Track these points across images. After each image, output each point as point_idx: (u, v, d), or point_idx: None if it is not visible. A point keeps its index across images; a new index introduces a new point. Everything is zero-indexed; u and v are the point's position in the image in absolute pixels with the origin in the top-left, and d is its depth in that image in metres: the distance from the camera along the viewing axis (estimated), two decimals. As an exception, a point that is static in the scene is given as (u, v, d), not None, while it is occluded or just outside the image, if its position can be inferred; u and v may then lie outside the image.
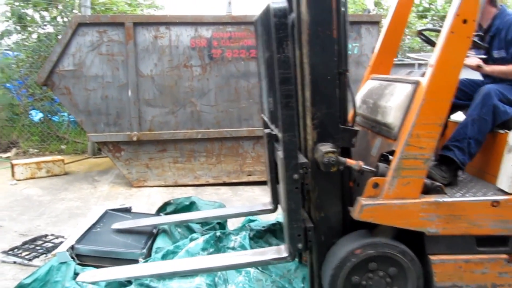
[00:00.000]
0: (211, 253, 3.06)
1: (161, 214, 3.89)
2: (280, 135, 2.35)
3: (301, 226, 2.43)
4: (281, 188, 2.47)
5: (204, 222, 3.81)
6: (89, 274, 2.70)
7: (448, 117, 2.87)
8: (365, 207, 2.38)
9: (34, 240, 3.80)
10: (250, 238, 3.45)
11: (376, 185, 2.41)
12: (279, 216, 4.01)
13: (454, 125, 2.92)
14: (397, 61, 7.65)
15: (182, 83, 5.60)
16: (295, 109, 2.32)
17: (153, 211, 4.11)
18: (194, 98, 5.65)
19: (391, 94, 2.66)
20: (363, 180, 2.59)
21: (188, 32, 5.56)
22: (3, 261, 3.47)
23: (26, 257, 3.47)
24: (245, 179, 5.93)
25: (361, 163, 2.43)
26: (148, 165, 5.77)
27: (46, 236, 3.91)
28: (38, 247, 3.64)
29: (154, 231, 3.50)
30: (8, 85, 8.55)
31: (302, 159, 2.44)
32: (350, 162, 2.42)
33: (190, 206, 3.87)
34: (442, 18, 12.49)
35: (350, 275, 2.45)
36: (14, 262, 3.45)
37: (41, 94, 8.27)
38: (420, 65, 6.02)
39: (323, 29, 2.37)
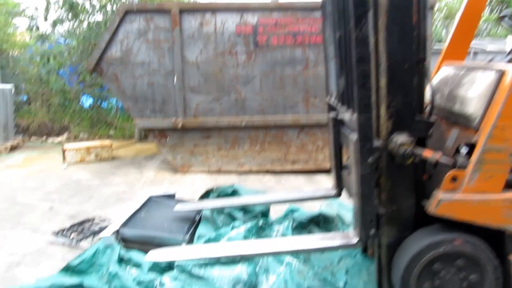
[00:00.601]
0: (252, 242, 3.03)
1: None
2: (354, 116, 2.27)
3: (374, 212, 2.34)
4: (353, 172, 2.38)
5: (246, 211, 3.79)
6: (157, 253, 2.72)
7: None
8: (442, 201, 2.26)
9: (82, 222, 3.92)
10: (293, 229, 3.40)
11: (454, 179, 2.27)
12: (322, 207, 3.94)
13: None
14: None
15: (227, 70, 5.58)
16: (371, 90, 2.24)
17: (197, 197, 4.14)
18: (238, 85, 5.62)
19: (471, 83, 2.49)
20: (437, 173, 2.47)
21: (233, 18, 5.52)
22: (53, 242, 3.60)
23: (74, 239, 3.58)
24: (289, 167, 5.87)
25: (438, 155, 2.31)
26: (192, 152, 5.81)
27: (93, 219, 4.02)
28: (86, 230, 3.75)
29: (197, 218, 3.51)
30: (64, 71, 8.88)
31: (376, 142, 2.36)
32: (426, 154, 2.30)
33: (232, 194, 3.86)
34: (501, 2, 11.84)
35: (424, 271, 2.36)
36: (63, 243, 3.56)
37: (91, 81, 8.51)
38: (475, 53, 5.70)
39: (402, 14, 2.25)
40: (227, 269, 2.76)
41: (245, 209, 3.80)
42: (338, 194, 3.21)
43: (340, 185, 3.13)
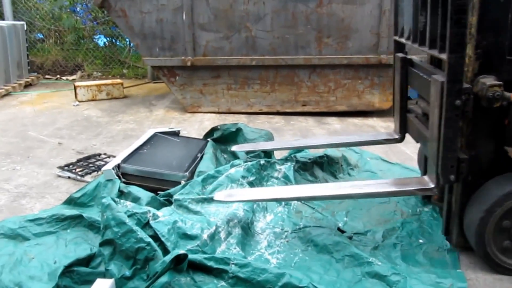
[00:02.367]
0: (251, 181, 3.03)
1: (208, 139, 3.89)
2: (444, 56, 2.15)
3: (456, 157, 2.26)
4: (434, 115, 2.29)
5: (250, 151, 3.77)
6: (225, 193, 2.74)
7: None
8: None
9: (88, 158, 3.96)
10: (295, 170, 3.38)
11: None
12: (327, 149, 3.89)
13: None
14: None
15: (237, 6, 5.38)
16: (467, 28, 2.10)
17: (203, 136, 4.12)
18: (249, 23, 5.43)
19: None
20: None
21: (245, -49, 5.25)
22: (59, 176, 3.67)
23: (79, 173, 3.63)
24: (299, 109, 5.79)
25: None
26: (202, 91, 5.75)
27: (99, 155, 4.06)
28: (91, 165, 3.79)
29: (199, 155, 3.51)
30: (77, 9, 8.74)
31: (465, 84, 2.24)
32: None
33: (236, 133, 3.83)
34: None
35: (502, 218, 2.33)
36: (68, 177, 3.63)
37: (103, 18, 8.37)
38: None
39: None
40: (224, 206, 2.78)
41: (248, 148, 3.79)
42: (401, 139, 3.14)
43: (403, 129, 3.05)
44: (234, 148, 3.61)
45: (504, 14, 2.15)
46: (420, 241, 2.72)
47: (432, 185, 2.38)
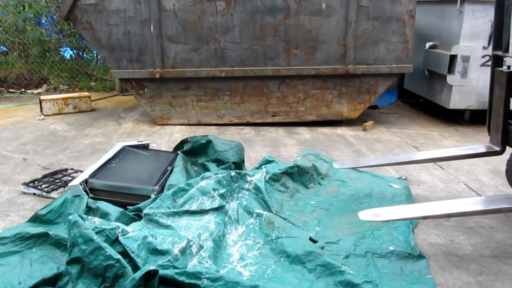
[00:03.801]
0: (222, 194, 3.01)
1: (178, 152, 3.86)
2: None
3: None
4: None
5: (220, 162, 3.76)
6: (371, 212, 2.68)
7: None
8: None
9: (54, 173, 3.86)
10: (266, 181, 3.38)
11: None
12: (298, 158, 3.91)
13: None
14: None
15: (206, 18, 5.39)
16: None
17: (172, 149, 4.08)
18: (218, 35, 5.44)
19: None
20: None
21: (212, -37, 5.27)
22: (24, 192, 3.56)
23: (45, 189, 3.53)
24: (269, 119, 5.81)
25: None
26: (171, 103, 5.71)
27: (66, 170, 3.96)
28: (57, 180, 3.70)
29: (168, 168, 3.47)
30: (42, 21, 8.55)
31: None
32: None
33: (206, 145, 3.81)
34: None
35: None
36: (34, 194, 3.52)
37: (69, 30, 8.23)
38: (462, 1, 5.52)
39: None
40: (195, 219, 2.76)
41: (219, 160, 3.77)
42: (502, 151, 3.18)
43: (505, 142, 3.10)
44: (335, 165, 3.62)
45: None
46: (391, 248, 2.76)
47: None
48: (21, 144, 4.87)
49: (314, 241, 2.81)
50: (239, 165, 3.78)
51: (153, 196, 3.04)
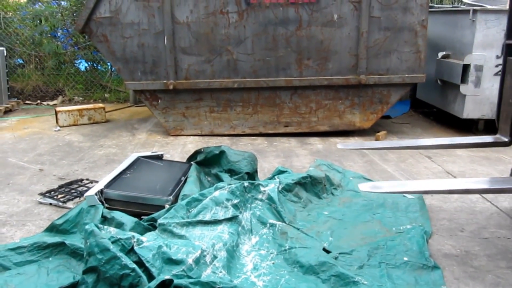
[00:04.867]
0: (236, 204, 3.02)
1: (191, 162, 3.89)
2: None
3: None
4: None
5: (233, 172, 3.79)
6: (372, 184, 2.70)
7: None
8: None
9: (70, 183, 3.92)
10: (279, 191, 3.39)
11: None
12: (310, 168, 3.92)
13: None
14: (451, 7, 7.11)
15: (218, 30, 5.45)
16: None
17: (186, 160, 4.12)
18: (230, 46, 5.50)
19: None
20: None
21: (224, -24, 5.35)
22: (40, 202, 3.61)
23: (61, 199, 3.59)
24: (282, 130, 5.83)
25: None
26: (184, 114, 5.76)
27: (81, 180, 4.02)
28: (73, 191, 3.75)
29: (182, 178, 3.50)
30: (58, 34, 8.72)
31: None
32: None
33: (219, 155, 3.84)
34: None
35: None
36: (50, 204, 3.58)
37: (84, 43, 8.37)
38: (475, 11, 5.53)
39: None
40: (208, 229, 2.77)
41: (232, 170, 3.80)
42: (510, 143, 3.13)
43: None
44: (339, 146, 3.64)
45: None
46: (405, 258, 2.74)
47: None
48: (38, 154, 4.95)
49: (328, 252, 2.81)
50: (252, 175, 3.80)
51: (167, 206, 3.07)
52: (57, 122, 6.32)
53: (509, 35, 3.04)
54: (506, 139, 3.12)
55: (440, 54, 6.11)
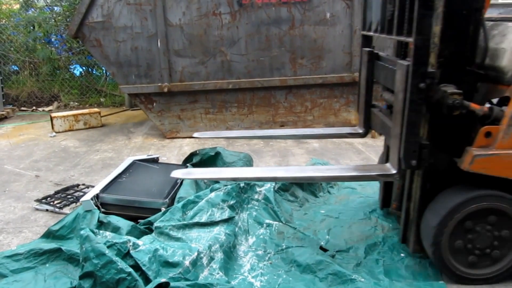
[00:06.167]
0: (232, 205, 3.02)
1: (187, 165, 3.89)
2: (411, 39, 2.15)
3: (418, 142, 2.26)
4: (398, 100, 2.30)
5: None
6: (183, 171, 2.70)
7: None
8: (477, 157, 2.24)
9: (66, 189, 3.91)
10: (275, 191, 3.39)
11: (488, 134, 2.25)
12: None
13: None
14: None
15: (212, 31, 5.45)
16: (433, 10, 2.12)
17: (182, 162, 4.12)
18: (224, 47, 5.50)
19: (503, 35, 2.41)
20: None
21: (216, -23, 5.35)
22: (37, 209, 3.61)
23: (57, 205, 3.58)
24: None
25: (486, 108, 2.26)
26: (180, 116, 5.76)
27: (78, 185, 4.01)
28: (69, 196, 3.74)
29: (178, 181, 3.50)
30: (51, 40, 8.70)
31: (430, 68, 2.27)
32: (474, 106, 2.25)
33: (215, 157, 3.84)
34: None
35: (457, 228, 2.38)
36: (46, 210, 3.57)
37: (78, 48, 8.36)
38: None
39: None
40: (205, 231, 2.77)
41: (228, 172, 3.79)
42: (365, 134, 3.13)
43: (367, 124, 3.04)
44: (195, 134, 3.50)
45: (466, 26, 2.22)
46: (402, 255, 2.75)
47: (394, 171, 2.39)
48: (34, 161, 4.94)
49: (325, 250, 2.81)
50: (248, 176, 3.79)
51: (163, 209, 3.07)
52: (52, 128, 6.31)
53: (364, 26, 2.98)
54: (361, 131, 3.11)
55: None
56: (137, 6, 5.37)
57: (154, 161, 4.01)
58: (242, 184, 3.28)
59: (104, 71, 8.69)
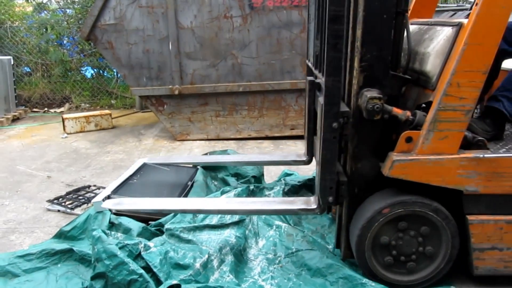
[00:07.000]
0: (242, 206, 3.02)
1: (198, 167, 3.89)
2: (323, 79, 2.18)
3: (334, 179, 2.28)
4: (318, 138, 2.33)
5: (240, 176, 3.79)
6: (113, 201, 2.74)
7: (499, 65, 2.58)
8: (396, 162, 2.22)
9: (77, 190, 3.94)
10: (285, 193, 3.39)
11: (409, 139, 2.23)
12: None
13: (505, 74, 2.64)
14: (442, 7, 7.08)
15: (223, 34, 5.47)
16: (343, 52, 2.13)
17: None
18: (235, 50, 5.52)
19: (430, 39, 2.41)
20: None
21: (228, -19, 5.38)
22: (48, 209, 3.64)
23: (69, 206, 3.61)
24: (288, 133, 5.83)
25: (408, 113, 2.24)
26: (190, 119, 5.78)
27: (89, 186, 4.04)
28: (81, 197, 3.77)
29: (189, 183, 3.51)
30: (64, 42, 8.80)
31: (344, 107, 2.28)
32: (396, 111, 2.23)
33: (225, 159, 3.84)
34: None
35: (379, 234, 2.36)
36: (58, 211, 3.60)
37: (90, 50, 8.44)
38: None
39: None
40: (216, 233, 2.78)
41: (238, 174, 3.80)
42: (309, 161, 3.14)
43: (311, 152, 3.03)
44: (144, 160, 3.71)
45: (387, 30, 2.20)
46: (412, 259, 2.72)
47: (314, 206, 2.41)
48: (45, 162, 4.99)
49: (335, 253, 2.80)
50: (258, 179, 3.80)
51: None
52: (64, 129, 6.37)
53: (307, 55, 2.95)
54: (304, 158, 3.11)
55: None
56: (149, 9, 5.41)
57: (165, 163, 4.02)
58: (251, 187, 3.29)
59: (115, 73, 8.76)
